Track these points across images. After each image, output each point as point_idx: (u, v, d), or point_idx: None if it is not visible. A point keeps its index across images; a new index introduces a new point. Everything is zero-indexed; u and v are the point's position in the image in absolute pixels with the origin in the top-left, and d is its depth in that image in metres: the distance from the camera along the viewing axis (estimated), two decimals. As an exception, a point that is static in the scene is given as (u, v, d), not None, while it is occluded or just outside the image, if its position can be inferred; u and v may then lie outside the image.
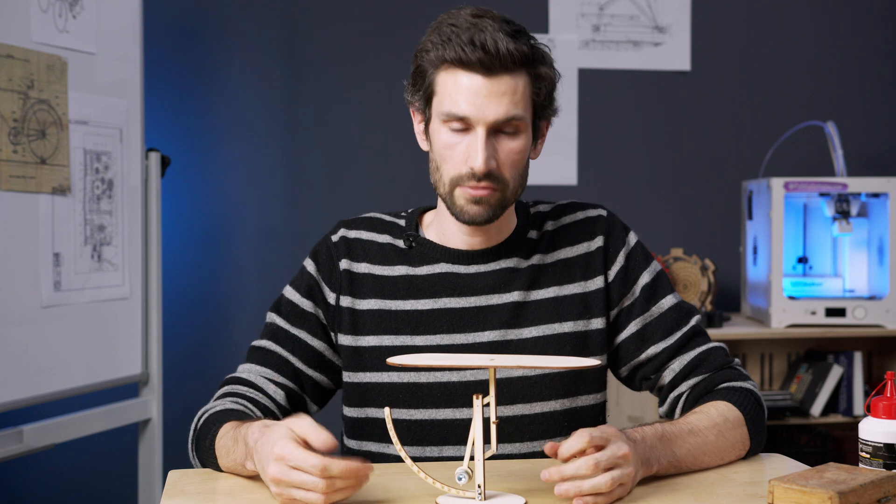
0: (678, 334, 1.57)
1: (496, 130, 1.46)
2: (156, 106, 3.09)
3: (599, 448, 1.25)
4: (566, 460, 1.24)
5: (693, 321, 1.59)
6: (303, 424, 1.23)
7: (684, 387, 1.55)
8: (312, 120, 3.33)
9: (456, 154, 1.47)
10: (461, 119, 1.45)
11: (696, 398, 1.53)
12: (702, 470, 1.42)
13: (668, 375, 1.57)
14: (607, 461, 1.24)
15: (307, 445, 1.22)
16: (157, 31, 3.07)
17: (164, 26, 3.18)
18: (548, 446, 1.28)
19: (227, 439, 1.38)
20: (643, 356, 1.58)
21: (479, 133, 1.44)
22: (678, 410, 1.55)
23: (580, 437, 1.24)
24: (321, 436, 1.22)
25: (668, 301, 1.59)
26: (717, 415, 1.46)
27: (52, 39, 2.33)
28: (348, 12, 3.35)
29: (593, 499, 1.23)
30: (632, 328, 1.58)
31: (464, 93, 1.44)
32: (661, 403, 1.60)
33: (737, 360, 1.60)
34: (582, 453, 1.24)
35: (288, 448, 1.21)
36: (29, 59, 2.26)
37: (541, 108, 1.52)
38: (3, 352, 2.20)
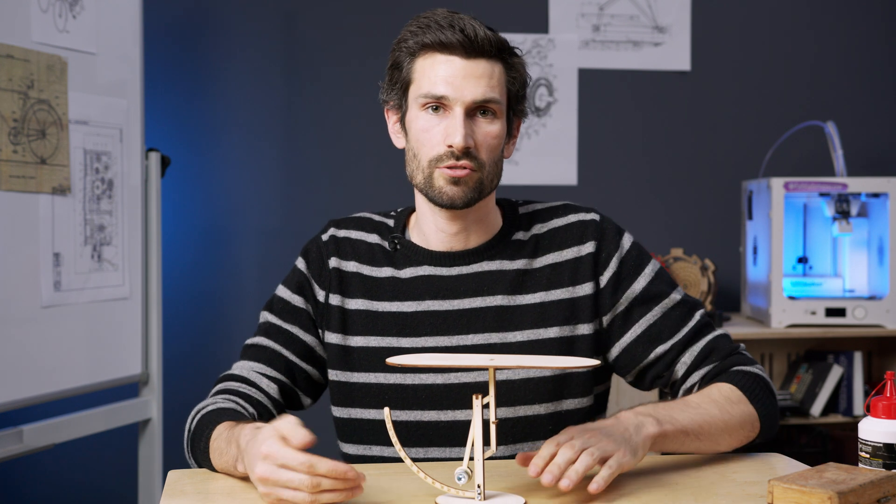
0: (685, 329, 1.57)
1: (473, 113, 1.49)
2: (156, 106, 3.09)
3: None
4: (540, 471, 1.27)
5: (698, 315, 1.59)
6: (284, 424, 1.24)
7: (696, 377, 1.55)
8: (312, 120, 3.33)
9: (433, 136, 1.49)
10: (439, 99, 1.47)
11: (706, 385, 1.53)
12: (708, 467, 1.42)
13: (680, 369, 1.56)
14: (570, 443, 1.27)
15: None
16: (157, 31, 3.07)
17: (164, 26, 3.18)
18: (520, 457, 1.32)
19: (222, 441, 1.38)
20: (651, 356, 1.57)
21: (458, 112, 1.47)
22: None
23: (549, 446, 1.28)
24: (298, 433, 1.22)
25: (670, 300, 1.58)
26: (717, 393, 1.47)
27: (52, 39, 2.33)
28: (348, 12, 3.35)
29: (564, 472, 1.25)
30: (635, 331, 1.57)
31: (442, 73, 1.47)
32: (674, 396, 1.60)
33: (742, 345, 1.60)
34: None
35: (274, 447, 1.21)
36: (29, 59, 2.26)
37: (515, 101, 1.54)
38: (3, 352, 2.20)
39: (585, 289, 1.57)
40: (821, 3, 3.58)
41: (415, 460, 1.52)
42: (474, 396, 1.24)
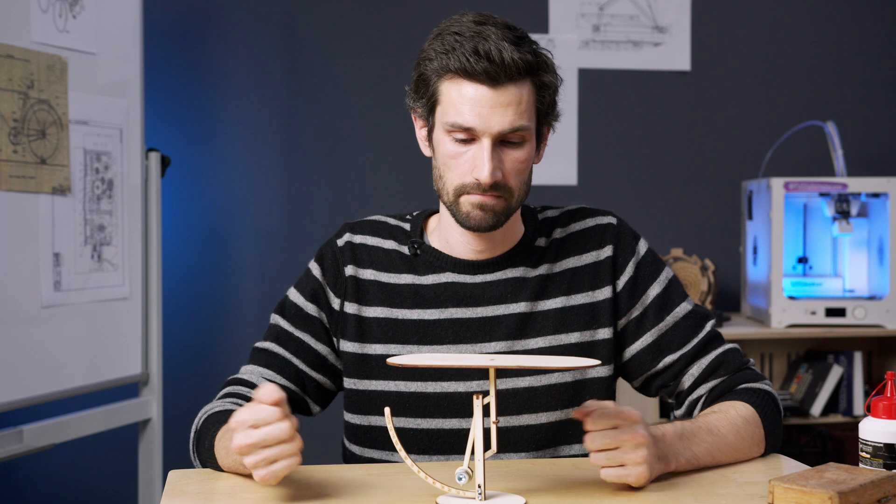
0: (695, 341, 1.57)
1: (501, 141, 1.45)
2: (156, 106, 3.09)
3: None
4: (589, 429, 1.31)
5: (708, 326, 1.59)
6: (255, 392, 1.25)
7: (703, 389, 1.55)
8: (312, 120, 3.33)
9: (461, 164, 1.46)
10: (466, 130, 1.44)
11: (714, 400, 1.53)
12: (708, 469, 1.43)
13: (687, 381, 1.57)
14: (616, 440, 1.30)
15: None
16: (157, 31, 3.07)
17: (164, 26, 3.18)
18: (578, 412, 1.32)
19: (228, 440, 1.38)
20: (660, 365, 1.57)
21: (485, 144, 1.43)
22: (696, 412, 1.55)
23: (604, 423, 1.30)
24: (265, 390, 1.23)
25: (682, 309, 1.58)
26: (736, 415, 1.47)
27: (52, 39, 2.33)
28: (348, 12, 3.35)
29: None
30: (646, 339, 1.57)
31: (469, 104, 1.43)
32: (677, 406, 1.61)
33: (751, 360, 1.60)
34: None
35: (240, 414, 1.23)
36: (29, 59, 2.26)
37: (544, 116, 1.51)
38: (3, 352, 2.20)
39: (605, 293, 1.57)
40: (821, 4, 3.58)
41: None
42: (475, 396, 1.24)
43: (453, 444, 1.53)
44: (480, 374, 1.53)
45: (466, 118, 1.43)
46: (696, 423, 1.43)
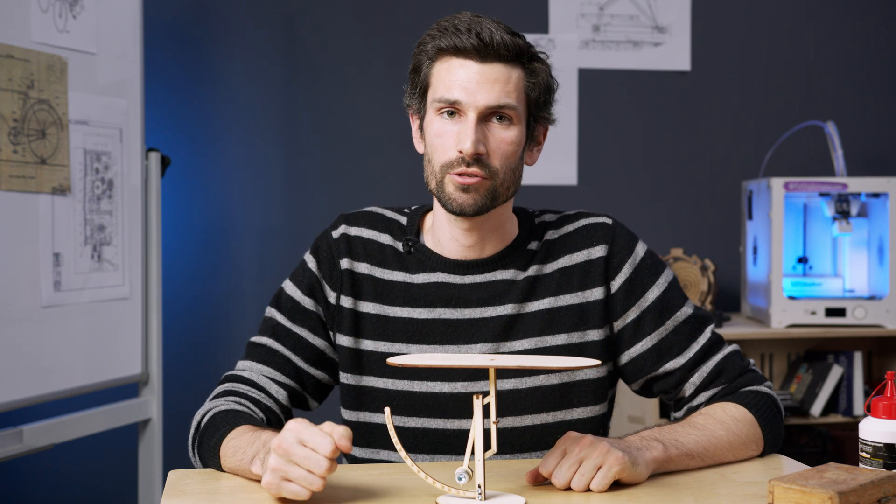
0: (695, 348, 1.56)
1: (488, 119, 1.46)
2: (156, 106, 3.09)
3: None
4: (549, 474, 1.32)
5: (708, 332, 1.57)
6: (325, 424, 1.25)
7: (703, 397, 1.55)
8: (312, 120, 3.33)
9: (446, 141, 1.47)
10: (453, 104, 1.45)
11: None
12: (710, 467, 1.43)
13: (688, 388, 1.56)
14: (576, 458, 1.31)
15: None
16: (157, 31, 3.07)
17: (164, 26, 3.18)
18: (529, 478, 1.33)
19: (242, 441, 1.37)
20: (661, 370, 1.56)
21: (470, 117, 1.45)
22: None
23: (554, 456, 1.32)
24: (338, 429, 1.23)
25: (682, 313, 1.57)
26: (724, 414, 1.47)
27: (52, 39, 2.33)
28: (348, 13, 3.35)
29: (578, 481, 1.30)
30: (646, 343, 1.55)
31: (457, 78, 1.45)
32: (676, 409, 1.60)
33: (752, 361, 1.59)
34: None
35: (301, 424, 1.23)
36: (29, 59, 2.26)
37: (536, 107, 1.51)
38: (3, 352, 2.20)
39: (596, 293, 1.55)
40: (820, 4, 3.58)
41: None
42: (475, 396, 1.24)
43: (437, 444, 1.53)
44: (465, 375, 1.53)
45: (453, 92, 1.45)
46: (678, 423, 1.45)
